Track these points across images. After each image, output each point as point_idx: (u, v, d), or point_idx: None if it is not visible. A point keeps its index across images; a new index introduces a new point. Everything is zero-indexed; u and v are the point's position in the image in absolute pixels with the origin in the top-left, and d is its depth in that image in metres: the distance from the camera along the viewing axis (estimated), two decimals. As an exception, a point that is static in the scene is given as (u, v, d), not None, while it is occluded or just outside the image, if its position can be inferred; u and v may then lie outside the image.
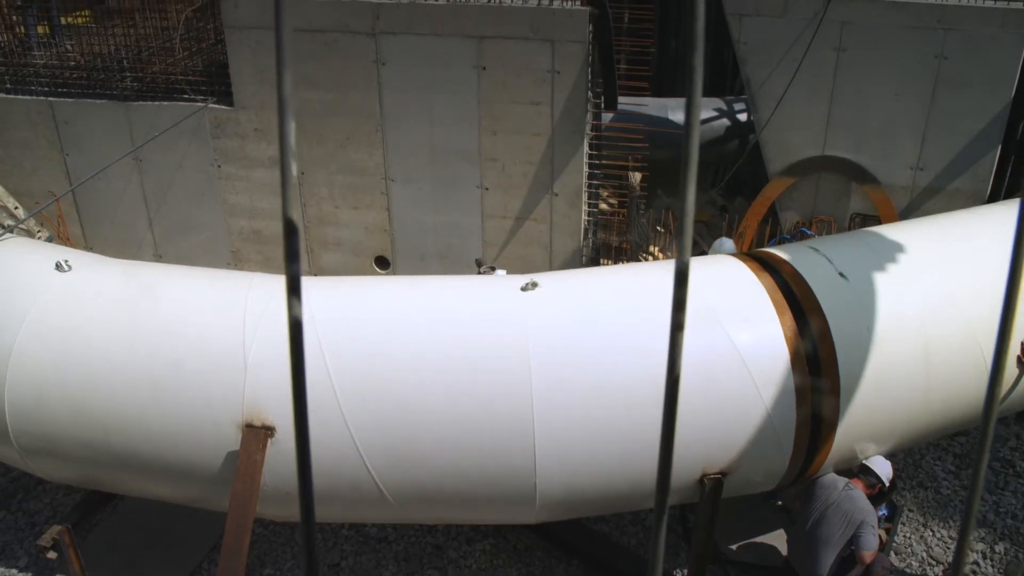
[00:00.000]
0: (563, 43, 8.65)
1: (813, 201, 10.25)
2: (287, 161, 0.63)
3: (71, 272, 6.78)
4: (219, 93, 9.97)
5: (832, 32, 9.41)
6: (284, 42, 0.62)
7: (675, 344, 0.61)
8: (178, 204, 10.50)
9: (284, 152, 0.64)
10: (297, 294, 0.64)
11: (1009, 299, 0.71)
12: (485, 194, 9.53)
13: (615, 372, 6.00)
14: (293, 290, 0.63)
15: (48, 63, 10.67)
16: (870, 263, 6.87)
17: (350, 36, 9.15)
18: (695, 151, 0.60)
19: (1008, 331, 0.75)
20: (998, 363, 0.75)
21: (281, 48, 0.62)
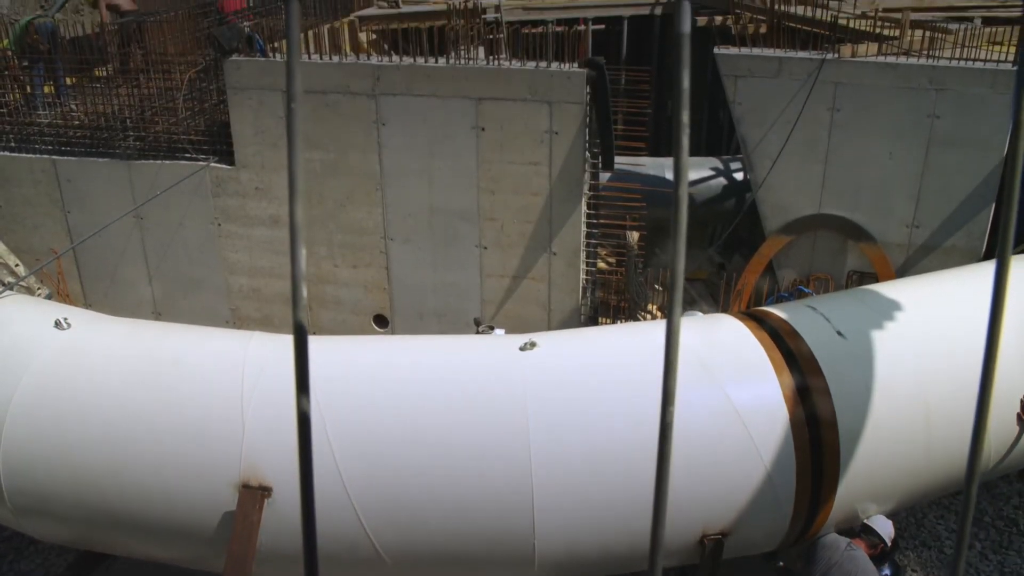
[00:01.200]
0: (561, 104, 8.78)
1: (810, 259, 10.30)
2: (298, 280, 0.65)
3: (70, 330, 6.79)
4: (220, 152, 10.08)
5: (826, 92, 9.55)
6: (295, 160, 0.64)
7: (667, 412, 0.62)
8: (178, 262, 10.54)
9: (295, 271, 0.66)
10: (306, 390, 0.65)
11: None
12: (484, 253, 9.58)
13: (614, 433, 5.98)
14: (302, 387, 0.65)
15: (53, 122, 10.81)
16: (868, 321, 6.89)
17: (350, 97, 9.28)
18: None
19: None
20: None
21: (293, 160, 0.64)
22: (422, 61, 9.13)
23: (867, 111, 9.50)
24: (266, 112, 9.55)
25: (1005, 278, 0.69)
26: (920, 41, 9.82)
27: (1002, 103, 9.17)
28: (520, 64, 9.01)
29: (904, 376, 6.55)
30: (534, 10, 13.12)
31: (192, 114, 10.56)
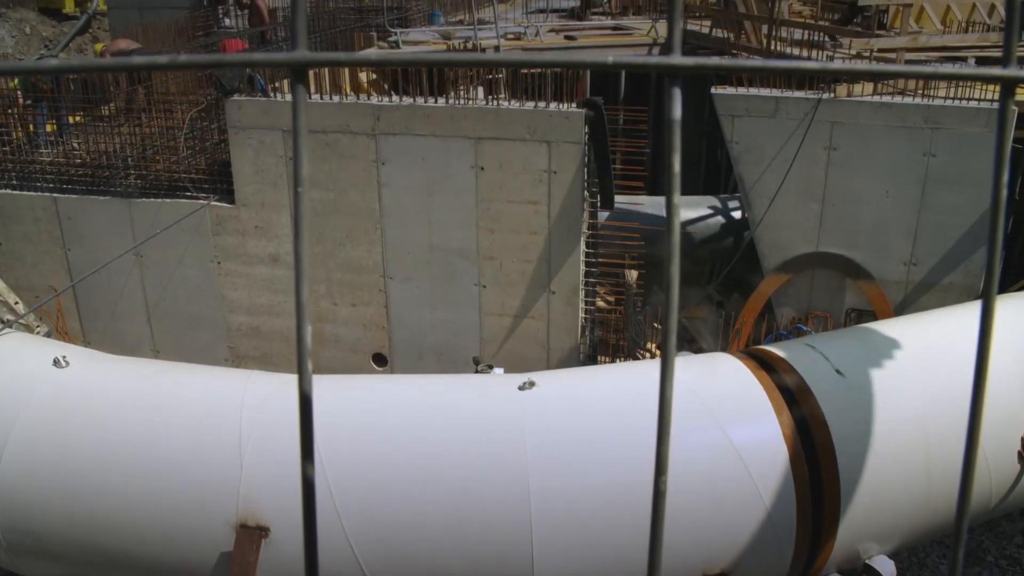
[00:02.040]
0: (559, 144, 8.85)
1: (808, 297, 10.32)
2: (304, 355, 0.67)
3: (68, 368, 6.79)
4: (221, 191, 10.13)
5: (822, 132, 9.62)
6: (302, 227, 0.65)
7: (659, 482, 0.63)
8: (177, 300, 10.55)
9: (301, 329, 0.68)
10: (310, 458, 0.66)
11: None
12: (483, 292, 9.60)
13: (613, 473, 5.96)
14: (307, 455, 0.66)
15: (54, 160, 10.87)
16: (867, 360, 6.89)
17: (350, 136, 9.35)
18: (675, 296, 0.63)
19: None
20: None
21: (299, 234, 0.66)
22: (422, 101, 9.21)
23: (863, 150, 9.57)
24: (267, 151, 9.62)
25: (991, 319, 0.70)
26: (915, 81, 9.92)
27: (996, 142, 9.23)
28: (519, 104, 9.09)
29: (904, 414, 6.55)
30: (533, 50, 13.26)
31: (193, 153, 10.62)
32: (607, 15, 16.84)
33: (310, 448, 0.66)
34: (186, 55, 0.63)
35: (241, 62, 0.63)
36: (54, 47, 21.64)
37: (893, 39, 11.44)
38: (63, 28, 22.15)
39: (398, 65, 0.62)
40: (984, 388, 0.72)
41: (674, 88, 0.58)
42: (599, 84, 13.97)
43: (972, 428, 0.74)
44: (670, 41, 0.59)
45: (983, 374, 0.71)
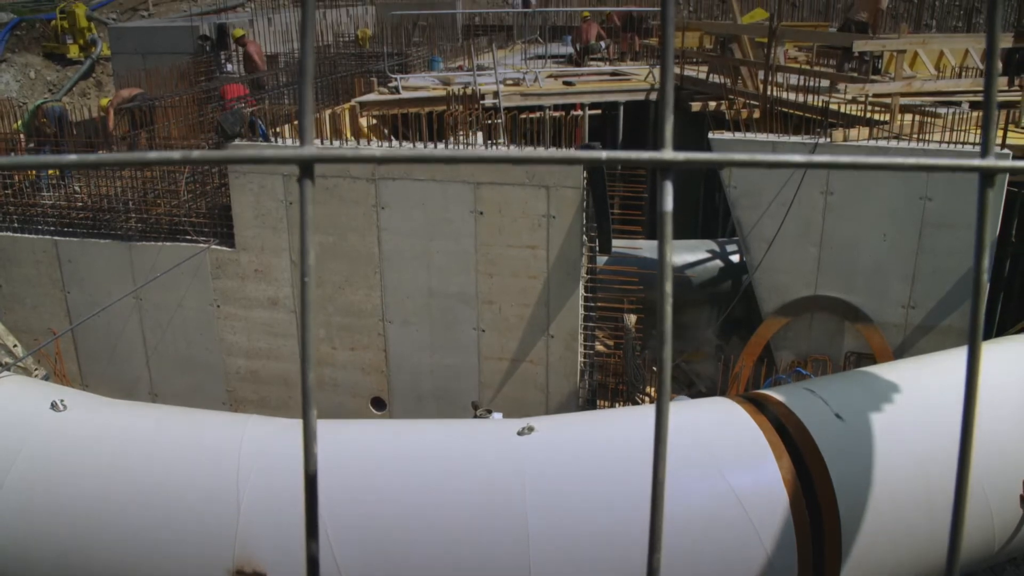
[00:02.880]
0: (558, 189, 8.90)
1: (807, 340, 10.32)
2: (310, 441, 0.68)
3: (66, 412, 6.77)
4: (221, 235, 10.17)
5: (819, 176, 9.69)
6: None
7: (653, 559, 0.63)
8: (176, 343, 10.55)
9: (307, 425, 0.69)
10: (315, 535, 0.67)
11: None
12: (482, 336, 9.60)
13: (613, 520, 5.92)
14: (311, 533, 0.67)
15: (56, 203, 10.94)
16: (866, 403, 6.88)
17: (350, 181, 9.41)
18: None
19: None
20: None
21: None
22: (421, 147, 9.28)
23: (860, 194, 9.63)
24: (267, 196, 9.67)
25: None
26: (910, 125, 10.02)
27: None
28: (518, 150, 9.16)
29: (904, 458, 6.52)
30: (531, 96, 13.39)
31: (194, 197, 10.69)
32: (605, 61, 17.02)
33: (315, 525, 0.67)
34: (199, 152, 0.65)
35: (251, 159, 0.64)
36: (58, 91, 21.85)
37: (888, 84, 11.55)
38: (67, 73, 22.39)
39: (401, 162, 0.64)
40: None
41: (665, 182, 0.60)
42: (597, 129, 14.09)
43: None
44: (661, 136, 0.61)
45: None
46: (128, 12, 24.55)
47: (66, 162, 0.66)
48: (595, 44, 16.97)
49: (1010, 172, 0.70)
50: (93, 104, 19.49)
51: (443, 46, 17.56)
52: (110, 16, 24.11)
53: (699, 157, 0.62)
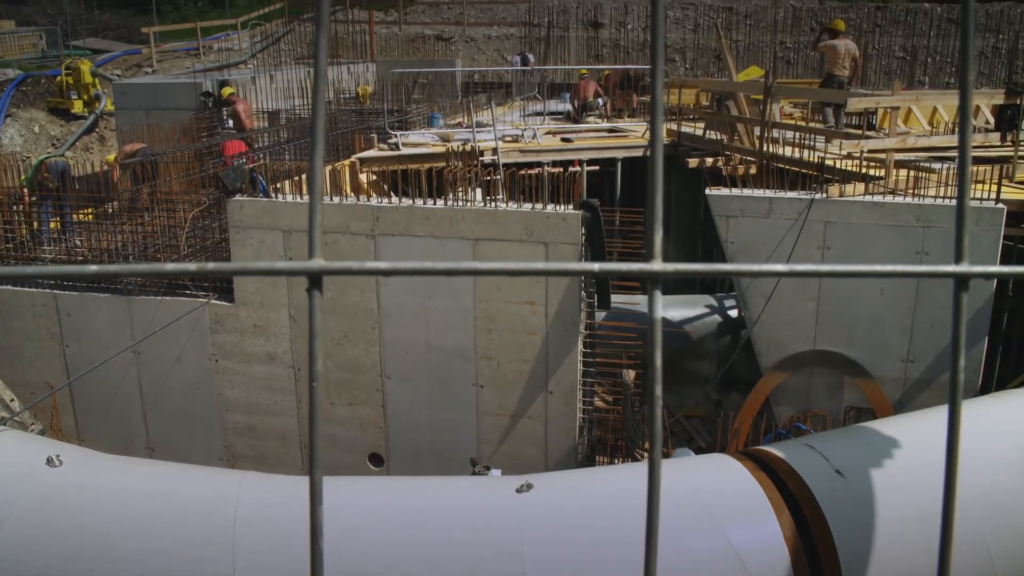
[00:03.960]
0: (556, 245, 8.95)
1: (807, 395, 10.30)
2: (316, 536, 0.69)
3: (61, 468, 6.73)
4: (220, 290, 10.21)
5: (816, 231, 9.74)
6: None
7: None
8: (173, 397, 10.52)
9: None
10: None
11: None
12: (480, 392, 9.58)
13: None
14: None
15: (56, 257, 10.99)
16: (867, 459, 6.84)
17: (350, 237, 9.46)
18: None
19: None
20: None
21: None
22: (420, 203, 9.36)
23: (857, 249, 9.68)
24: (267, 251, 9.72)
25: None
26: (905, 180, 10.10)
27: (988, 240, 9.37)
28: (516, 206, 9.23)
29: (906, 516, 6.46)
30: (530, 152, 13.53)
31: (194, 251, 10.74)
32: (603, 117, 17.22)
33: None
34: (214, 263, 0.67)
35: (261, 271, 0.66)
36: (61, 146, 22.05)
37: (883, 140, 11.69)
38: (70, 127, 22.61)
39: (405, 274, 0.66)
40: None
41: (655, 291, 0.62)
42: (595, 185, 14.21)
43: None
44: (649, 248, 0.63)
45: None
46: (132, 68, 24.88)
47: (89, 272, 0.68)
48: (593, 101, 17.19)
49: (984, 277, 0.71)
50: (96, 158, 19.67)
51: (443, 103, 17.78)
52: (114, 72, 24.43)
53: (688, 268, 0.64)
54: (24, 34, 26.97)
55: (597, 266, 0.63)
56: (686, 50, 29.75)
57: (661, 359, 0.62)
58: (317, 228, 0.63)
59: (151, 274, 0.68)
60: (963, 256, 0.71)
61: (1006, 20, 28.98)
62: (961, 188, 0.72)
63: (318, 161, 0.65)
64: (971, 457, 6.87)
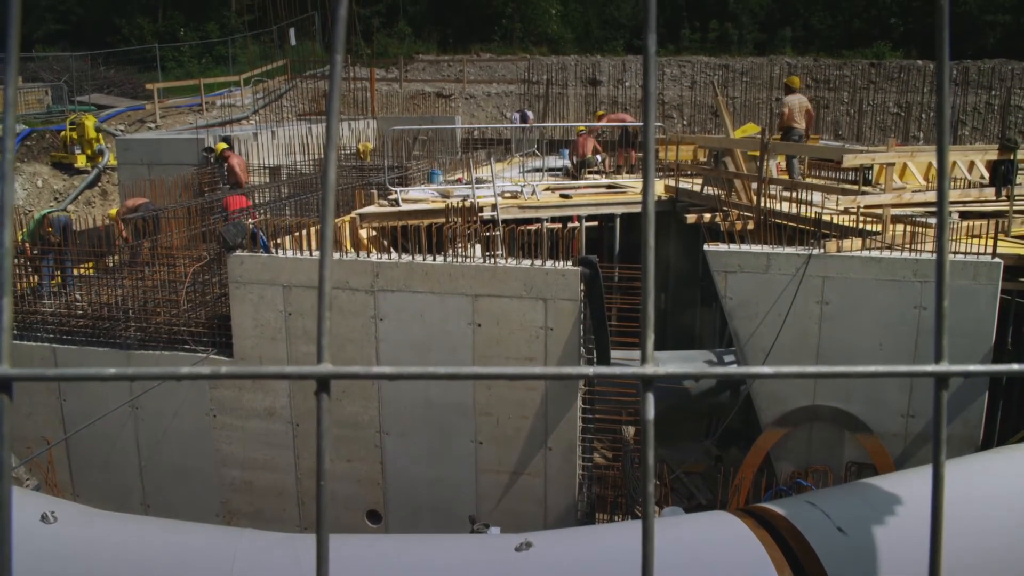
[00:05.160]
0: (555, 301, 8.98)
1: (807, 451, 10.25)
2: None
3: (56, 524, 6.69)
4: (219, 344, 10.21)
5: (814, 286, 9.79)
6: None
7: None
8: (171, 452, 10.46)
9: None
10: None
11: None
12: (479, 448, 9.53)
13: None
14: None
15: (56, 311, 11.00)
16: (869, 516, 6.80)
17: (349, 292, 9.50)
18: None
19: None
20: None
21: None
22: (420, 259, 9.41)
23: (855, 303, 9.72)
24: (266, 306, 9.74)
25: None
26: (902, 235, 10.17)
27: (985, 294, 9.41)
28: (516, 262, 9.28)
29: (908, 572, 6.40)
30: (529, 208, 13.63)
31: (194, 306, 10.76)
32: (601, 174, 17.38)
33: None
34: (227, 368, 0.69)
35: (272, 375, 0.68)
36: (63, 200, 22.21)
37: (879, 196, 11.79)
38: (73, 182, 22.79)
39: (409, 379, 0.68)
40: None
41: (648, 393, 0.64)
42: (594, 241, 14.29)
43: None
44: (643, 351, 0.65)
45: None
46: (136, 124, 25.15)
47: (107, 375, 0.71)
48: (591, 158, 17.36)
49: (963, 376, 0.74)
50: (98, 213, 19.80)
51: (442, 159, 17.95)
52: (118, 127, 24.70)
53: (679, 373, 0.66)
54: (30, 90, 27.30)
55: (592, 370, 0.66)
56: (683, 107, 30.13)
57: (653, 459, 0.63)
58: (325, 335, 0.66)
59: (166, 378, 0.70)
60: (943, 356, 0.74)
61: (998, 77, 29.41)
62: (939, 291, 0.74)
63: (327, 270, 0.67)
64: (970, 513, 6.83)
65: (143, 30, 39.54)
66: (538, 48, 36.44)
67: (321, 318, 0.66)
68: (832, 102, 30.07)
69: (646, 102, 0.72)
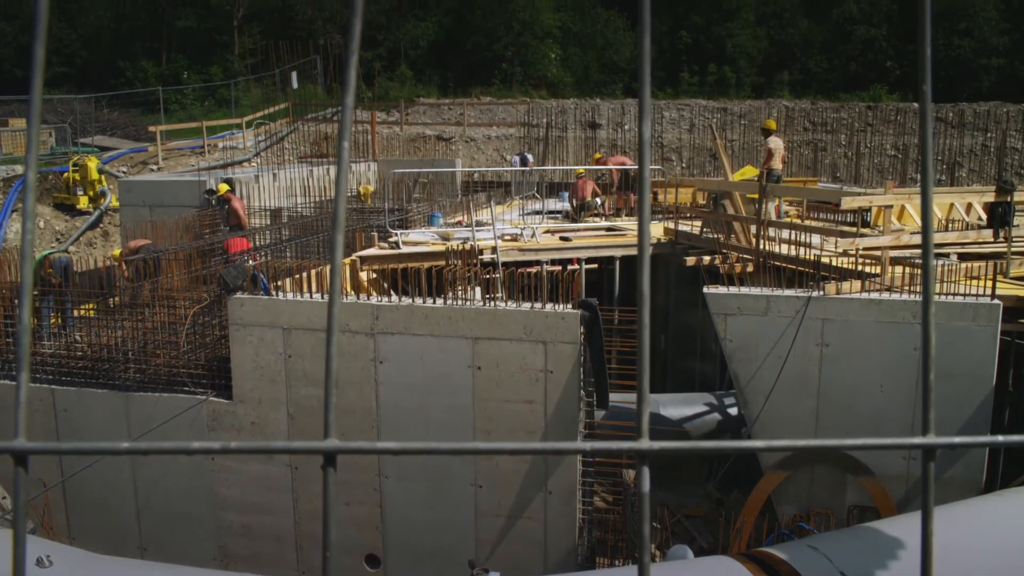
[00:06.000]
0: (555, 344, 8.99)
1: (809, 494, 10.19)
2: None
3: (51, 569, 6.64)
4: (218, 387, 10.19)
5: (814, 328, 9.80)
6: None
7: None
8: (168, 496, 10.39)
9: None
10: None
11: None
12: (479, 492, 9.48)
13: None
14: None
15: (56, 352, 11.00)
16: (871, 561, 6.76)
17: (349, 335, 9.50)
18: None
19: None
20: None
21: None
22: (420, 301, 9.43)
23: (855, 345, 9.72)
24: (266, 348, 9.75)
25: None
26: (901, 277, 10.20)
27: (984, 336, 9.42)
28: (515, 305, 9.30)
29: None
30: (529, 251, 13.68)
31: (193, 348, 10.76)
32: (601, 216, 17.47)
33: None
34: (236, 443, 0.71)
35: (279, 450, 0.70)
36: (65, 241, 22.30)
37: (878, 238, 11.84)
38: (75, 223, 22.90)
39: (414, 453, 0.69)
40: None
41: (643, 467, 0.65)
42: (594, 283, 14.32)
43: None
44: (639, 426, 0.67)
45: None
46: (139, 166, 25.32)
47: (120, 450, 0.72)
48: (591, 200, 17.46)
49: (949, 447, 0.75)
50: (99, 254, 19.86)
51: (443, 202, 18.06)
52: (120, 169, 24.86)
53: (674, 447, 0.67)
54: (33, 132, 27.47)
55: (588, 445, 0.67)
56: (682, 149, 30.37)
57: (649, 530, 0.64)
58: (331, 411, 0.67)
59: (178, 452, 0.71)
60: (929, 428, 0.75)
61: (993, 119, 29.67)
62: (925, 365, 0.76)
63: (333, 348, 0.69)
64: (974, 557, 6.79)
65: (147, 73, 39.97)
66: (538, 92, 36.81)
67: (328, 394, 0.67)
68: (830, 144, 30.32)
69: (641, 148, 0.74)
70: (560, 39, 40.51)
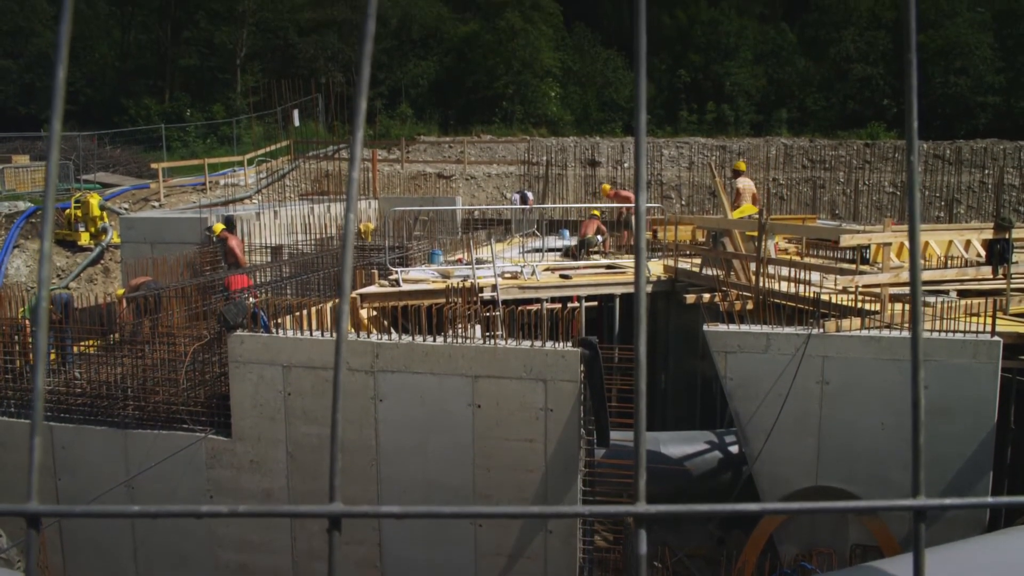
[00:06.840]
0: (555, 382, 8.98)
1: (811, 533, 10.13)
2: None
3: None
4: (217, 424, 10.17)
5: (814, 366, 9.80)
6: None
7: None
8: (166, 534, 10.33)
9: None
10: None
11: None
12: (479, 531, 9.42)
13: None
14: None
15: (54, 389, 10.98)
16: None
17: (349, 373, 9.49)
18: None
19: None
20: None
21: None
22: (420, 340, 9.43)
23: (855, 383, 9.72)
24: (266, 386, 9.74)
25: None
26: (900, 314, 10.22)
27: (985, 373, 9.42)
28: (515, 343, 9.30)
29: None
30: (529, 288, 13.70)
31: (193, 385, 10.75)
32: (601, 254, 17.52)
33: None
34: (245, 506, 0.72)
35: (285, 514, 0.71)
36: (66, 277, 22.35)
37: (877, 275, 11.87)
38: (76, 259, 22.97)
39: (417, 517, 0.70)
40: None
41: (640, 529, 0.67)
42: (594, 321, 14.33)
43: None
44: (635, 488, 0.68)
45: None
46: (140, 202, 25.44)
47: (131, 512, 0.73)
48: (592, 237, 17.53)
49: (940, 509, 0.76)
50: (100, 290, 19.90)
51: (443, 239, 18.11)
52: (122, 206, 24.98)
53: (671, 510, 0.69)
54: (37, 168, 27.69)
55: (587, 509, 0.68)
56: (681, 187, 30.52)
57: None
58: (337, 475, 0.69)
59: (188, 515, 0.72)
60: (920, 491, 0.76)
61: (990, 156, 29.86)
62: (915, 426, 0.77)
63: (339, 414, 0.70)
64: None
65: (150, 110, 40.29)
66: (538, 130, 37.07)
67: (333, 458, 0.69)
68: (828, 182, 30.48)
69: (637, 183, 0.76)
70: (560, 78, 40.89)
